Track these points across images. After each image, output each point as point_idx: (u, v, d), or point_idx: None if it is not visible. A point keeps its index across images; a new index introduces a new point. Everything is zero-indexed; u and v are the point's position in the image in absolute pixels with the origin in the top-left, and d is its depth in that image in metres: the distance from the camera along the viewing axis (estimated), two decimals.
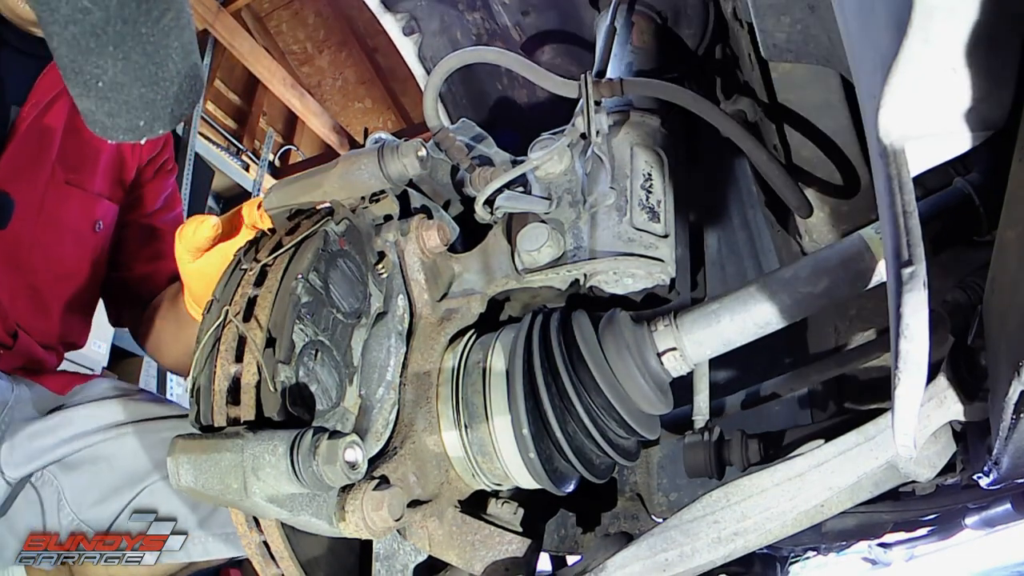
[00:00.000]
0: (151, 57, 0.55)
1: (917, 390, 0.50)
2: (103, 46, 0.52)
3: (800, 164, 1.13)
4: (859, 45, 0.56)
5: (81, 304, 1.45)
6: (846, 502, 0.72)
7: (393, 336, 0.83)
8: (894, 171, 0.50)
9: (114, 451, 1.16)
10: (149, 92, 0.57)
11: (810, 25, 0.85)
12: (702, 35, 1.37)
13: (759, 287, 0.79)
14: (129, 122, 0.58)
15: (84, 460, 1.15)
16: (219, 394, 0.69)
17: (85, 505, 1.12)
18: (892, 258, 0.50)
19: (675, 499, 1.08)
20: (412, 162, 0.83)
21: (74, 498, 1.12)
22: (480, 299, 0.89)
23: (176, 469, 0.65)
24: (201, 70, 0.60)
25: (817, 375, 1.15)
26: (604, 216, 0.90)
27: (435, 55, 1.70)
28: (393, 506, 0.68)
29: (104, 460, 1.15)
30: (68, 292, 1.41)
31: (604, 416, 0.79)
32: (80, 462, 1.15)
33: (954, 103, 0.49)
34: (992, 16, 0.43)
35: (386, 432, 0.80)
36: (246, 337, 0.69)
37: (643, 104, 1.04)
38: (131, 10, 0.52)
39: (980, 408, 0.66)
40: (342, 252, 0.77)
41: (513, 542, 0.78)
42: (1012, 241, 0.53)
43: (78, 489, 1.13)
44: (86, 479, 1.14)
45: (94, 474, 1.14)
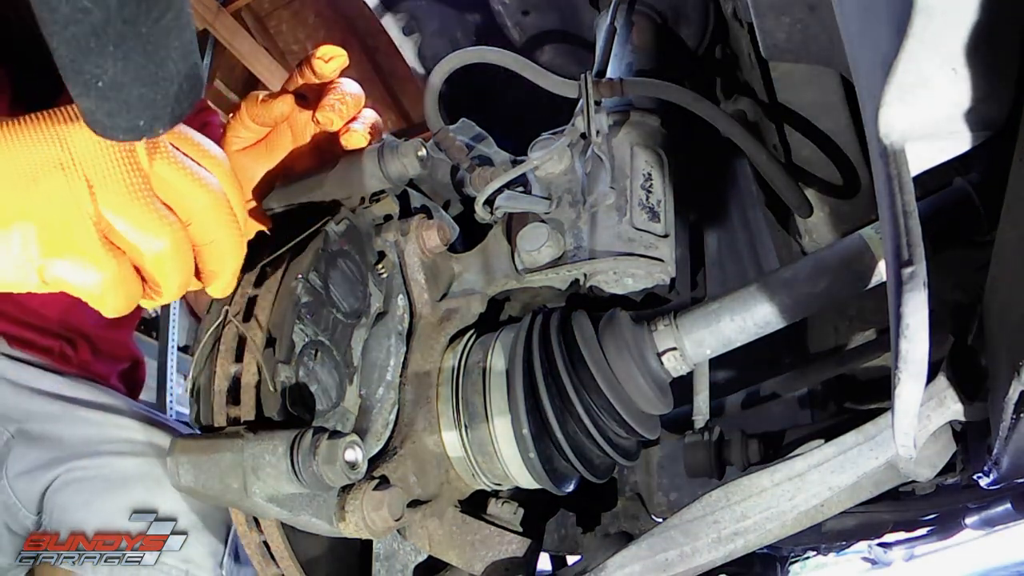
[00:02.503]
0: (151, 57, 0.55)
1: (917, 390, 0.50)
2: (103, 46, 0.52)
3: (800, 164, 1.13)
4: (859, 45, 0.56)
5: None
6: (846, 502, 0.72)
7: (393, 336, 0.84)
8: (894, 171, 0.50)
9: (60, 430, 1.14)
10: (149, 92, 0.57)
11: (810, 25, 0.85)
12: (702, 35, 1.37)
13: (759, 287, 0.79)
14: (129, 122, 0.58)
15: (39, 435, 1.13)
16: (219, 394, 0.69)
17: (13, 472, 1.11)
18: (892, 258, 0.50)
19: (675, 499, 1.08)
20: (412, 162, 0.83)
21: (11, 465, 1.11)
22: (480, 299, 0.89)
23: (176, 469, 0.65)
24: (201, 70, 0.61)
25: (817, 375, 1.15)
26: (604, 216, 0.91)
27: (435, 55, 1.70)
28: (393, 506, 0.68)
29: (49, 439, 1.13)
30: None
31: (604, 416, 0.79)
32: (38, 436, 1.13)
33: (954, 103, 0.49)
34: (992, 16, 0.43)
35: (386, 432, 0.80)
36: (246, 337, 0.69)
37: (643, 104, 1.04)
38: (131, 10, 0.52)
39: (980, 408, 0.66)
40: (342, 252, 0.77)
41: (513, 542, 0.78)
42: (1012, 241, 0.53)
43: (17, 456, 1.12)
44: (25, 450, 1.12)
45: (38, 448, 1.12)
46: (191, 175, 0.66)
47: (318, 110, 0.87)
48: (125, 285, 0.63)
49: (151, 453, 1.10)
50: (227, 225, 0.67)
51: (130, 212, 0.61)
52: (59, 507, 1.08)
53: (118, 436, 1.13)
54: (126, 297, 0.64)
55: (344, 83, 0.89)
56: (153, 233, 0.62)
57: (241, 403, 0.67)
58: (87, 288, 0.61)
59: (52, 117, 0.62)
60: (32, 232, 0.59)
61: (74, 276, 0.60)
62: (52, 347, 1.24)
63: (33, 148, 0.60)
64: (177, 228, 0.64)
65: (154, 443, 1.11)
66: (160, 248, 0.63)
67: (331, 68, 0.88)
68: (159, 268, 0.64)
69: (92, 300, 0.62)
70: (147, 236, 0.62)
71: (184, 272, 0.66)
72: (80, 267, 0.60)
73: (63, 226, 0.59)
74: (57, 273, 0.60)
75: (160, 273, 0.65)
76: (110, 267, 0.61)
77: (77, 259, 0.60)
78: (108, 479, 1.08)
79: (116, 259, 0.62)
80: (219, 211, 0.67)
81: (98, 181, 0.60)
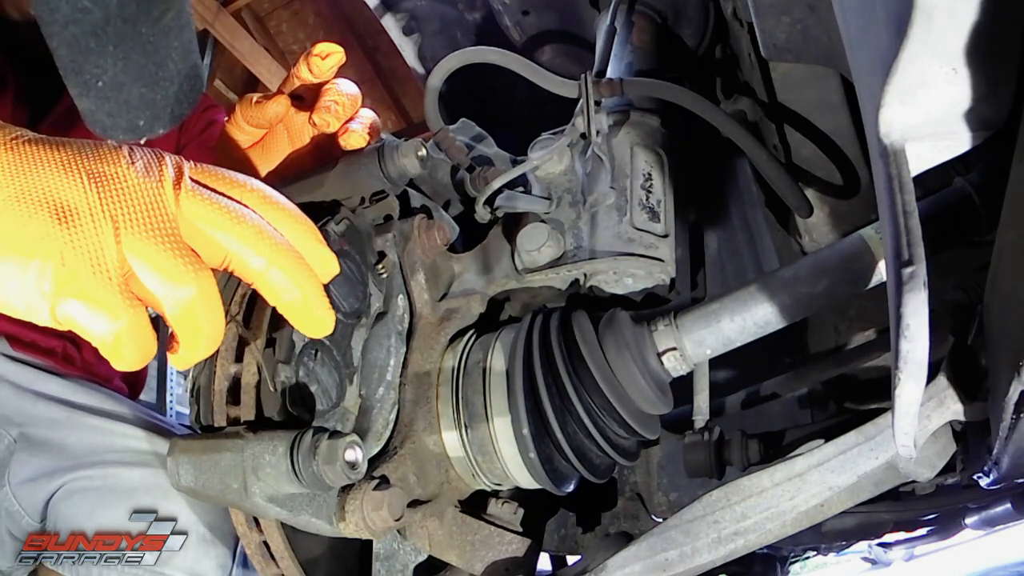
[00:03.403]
0: (151, 57, 0.55)
1: (917, 390, 0.50)
2: (103, 46, 0.52)
3: (800, 164, 1.14)
4: (859, 45, 0.56)
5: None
6: (846, 502, 0.72)
7: (393, 336, 0.84)
8: (894, 171, 0.50)
9: (63, 437, 1.13)
10: (149, 92, 0.57)
11: (810, 25, 0.85)
12: (702, 35, 1.37)
13: (759, 287, 0.79)
14: (129, 122, 0.58)
15: (42, 441, 1.12)
16: (219, 394, 0.69)
17: (16, 480, 1.10)
18: (892, 258, 0.50)
19: (675, 499, 1.08)
20: (412, 162, 0.83)
21: (14, 471, 1.11)
22: (480, 299, 0.89)
23: (176, 469, 0.65)
24: (201, 70, 0.60)
25: (817, 375, 1.15)
26: (604, 216, 0.91)
27: (435, 55, 1.70)
28: (393, 506, 0.68)
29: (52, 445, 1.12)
30: None
31: (604, 416, 0.79)
32: (41, 441, 1.12)
33: (954, 103, 0.49)
34: (992, 16, 0.43)
35: (386, 432, 0.80)
36: (246, 337, 0.69)
37: (643, 104, 1.04)
38: (131, 10, 0.52)
39: (980, 408, 0.66)
40: (342, 252, 0.77)
41: (513, 542, 0.78)
42: (1012, 241, 0.53)
43: (20, 463, 1.11)
44: (28, 457, 1.11)
45: (41, 454, 1.11)
46: (224, 211, 0.60)
47: (314, 112, 0.86)
48: (139, 337, 0.58)
49: (156, 464, 1.09)
50: (278, 251, 0.61)
51: (156, 258, 0.57)
52: (63, 516, 1.08)
53: (123, 446, 1.12)
54: (139, 350, 0.58)
55: (340, 84, 0.89)
56: (179, 280, 0.58)
57: (241, 403, 0.67)
58: (100, 336, 0.57)
59: (84, 149, 0.58)
60: (49, 268, 0.55)
61: (88, 320, 0.56)
62: (55, 348, 1.23)
63: (63, 179, 0.56)
64: (205, 275, 0.59)
65: (159, 453, 1.11)
66: (185, 296, 0.58)
67: (328, 66, 0.88)
68: (185, 318, 0.59)
69: (103, 348, 0.58)
70: (172, 284, 0.58)
71: (214, 323, 0.60)
72: (95, 312, 0.56)
73: (83, 268, 0.55)
74: (70, 313, 0.56)
75: (188, 322, 0.59)
76: (126, 316, 0.56)
77: (93, 303, 0.56)
78: (113, 489, 1.08)
79: (133, 309, 0.57)
80: (262, 239, 0.61)
81: (125, 221, 0.56)
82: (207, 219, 0.59)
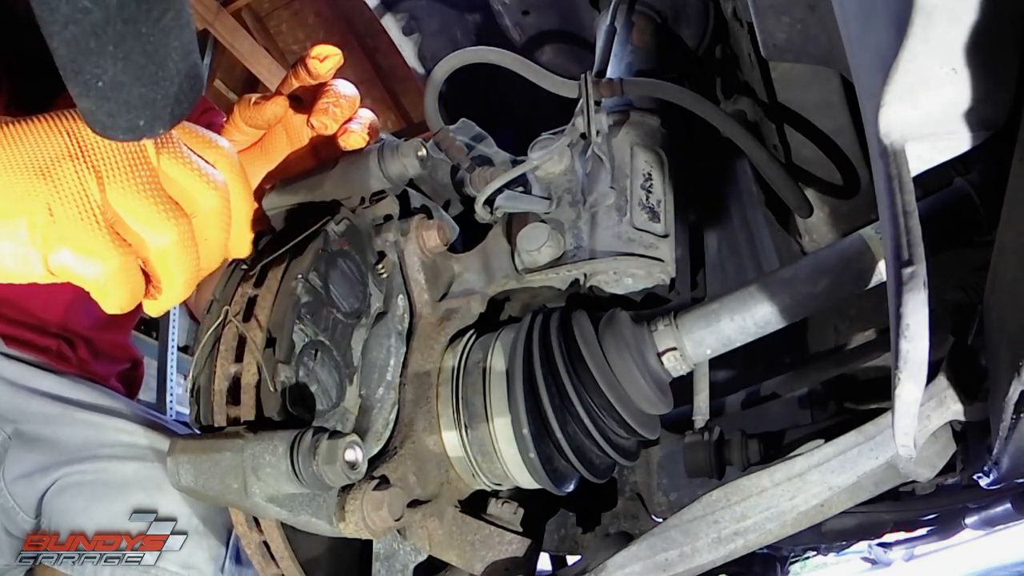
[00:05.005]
0: (151, 57, 0.55)
1: (917, 390, 0.50)
2: (103, 46, 0.52)
3: (800, 164, 1.14)
4: (859, 45, 0.56)
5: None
6: (846, 502, 0.72)
7: (393, 336, 0.84)
8: (894, 171, 0.50)
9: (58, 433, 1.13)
10: (149, 92, 0.57)
11: (810, 25, 0.85)
12: (702, 35, 1.37)
13: (759, 287, 0.79)
14: (129, 122, 0.57)
15: (36, 437, 1.13)
16: (219, 394, 0.69)
17: (10, 476, 1.10)
18: (892, 258, 0.50)
19: (675, 499, 1.08)
20: (412, 162, 0.83)
21: (9, 468, 1.11)
22: (480, 299, 0.89)
23: (176, 469, 0.65)
24: (201, 70, 0.60)
25: (817, 375, 1.15)
26: (604, 216, 0.91)
27: (435, 55, 1.70)
28: (393, 506, 0.68)
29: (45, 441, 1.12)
30: None
31: (604, 416, 0.79)
32: (35, 437, 1.12)
33: (954, 103, 0.49)
34: (992, 16, 0.43)
35: (386, 432, 0.80)
36: (246, 337, 0.69)
37: (643, 104, 1.04)
38: (131, 10, 0.52)
39: (980, 408, 0.66)
40: (342, 252, 0.77)
41: (513, 542, 0.78)
42: (1012, 241, 0.53)
43: (14, 459, 1.11)
44: (22, 453, 1.12)
45: (36, 450, 1.11)
46: (197, 171, 0.66)
47: (312, 114, 0.87)
48: (128, 278, 0.63)
49: (151, 457, 1.10)
50: (223, 229, 0.69)
51: (138, 205, 0.62)
52: (58, 511, 1.08)
53: (117, 440, 1.12)
54: (129, 291, 0.64)
55: (338, 85, 0.89)
56: (160, 227, 0.63)
57: (241, 403, 0.67)
58: (91, 279, 0.61)
59: (63, 115, 0.63)
60: (39, 221, 0.59)
61: (79, 266, 0.61)
62: (50, 347, 1.23)
63: (44, 141, 0.61)
64: (184, 223, 0.64)
65: (155, 447, 1.11)
66: (166, 242, 0.63)
67: (326, 68, 0.88)
68: (164, 263, 0.64)
69: (95, 292, 0.63)
70: (154, 230, 0.63)
71: (190, 269, 0.66)
72: (85, 257, 0.61)
73: (70, 215, 0.60)
74: (62, 261, 0.60)
75: (165, 268, 0.65)
76: (114, 258, 0.61)
77: (82, 249, 0.60)
78: (107, 483, 1.08)
79: (121, 251, 0.62)
80: (221, 212, 0.68)
81: (108, 173, 0.61)
82: (180, 176, 0.66)
